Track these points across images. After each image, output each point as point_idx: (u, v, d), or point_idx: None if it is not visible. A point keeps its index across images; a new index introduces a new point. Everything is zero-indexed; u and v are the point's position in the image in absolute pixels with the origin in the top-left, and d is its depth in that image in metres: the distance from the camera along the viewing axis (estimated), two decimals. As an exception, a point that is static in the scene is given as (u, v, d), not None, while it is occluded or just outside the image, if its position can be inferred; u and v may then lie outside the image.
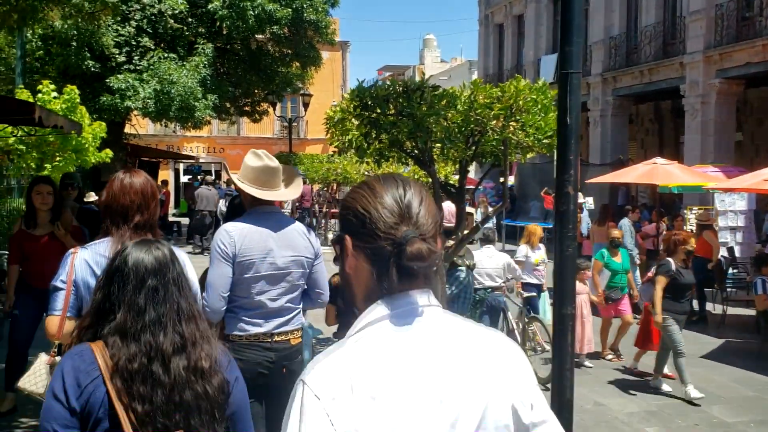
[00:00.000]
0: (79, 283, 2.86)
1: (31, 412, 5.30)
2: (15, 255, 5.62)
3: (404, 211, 1.36)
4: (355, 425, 1.23)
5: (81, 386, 1.82)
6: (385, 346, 1.31)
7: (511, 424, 1.34)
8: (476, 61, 34.56)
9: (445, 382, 1.31)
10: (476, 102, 5.25)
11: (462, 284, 6.85)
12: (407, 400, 1.27)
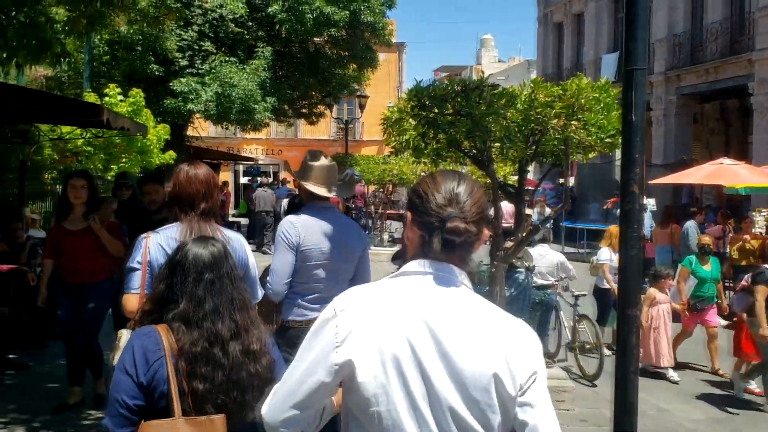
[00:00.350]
0: (154, 263, 3.07)
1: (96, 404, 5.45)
2: (49, 249, 5.55)
3: (453, 198, 1.67)
4: (352, 327, 1.58)
5: (149, 363, 2.04)
6: (411, 290, 1.63)
7: (493, 388, 1.56)
8: (534, 61, 34.16)
9: (452, 335, 1.57)
10: (536, 101, 5.18)
11: (521, 286, 6.76)
12: (412, 330, 1.57)
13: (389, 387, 1.56)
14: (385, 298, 1.64)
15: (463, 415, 1.56)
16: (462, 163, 6.76)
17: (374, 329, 1.58)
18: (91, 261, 5.39)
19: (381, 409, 1.56)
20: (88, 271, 5.40)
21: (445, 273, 1.66)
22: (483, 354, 1.57)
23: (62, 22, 7.27)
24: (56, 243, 5.47)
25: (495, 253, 6.10)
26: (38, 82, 18.31)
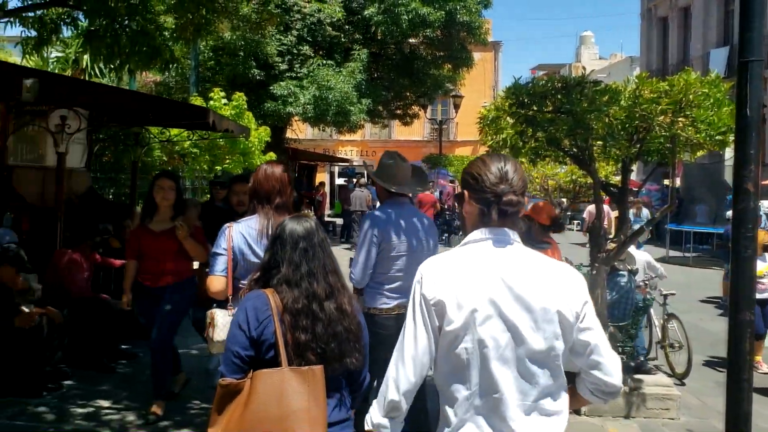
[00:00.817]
0: (235, 249, 3.56)
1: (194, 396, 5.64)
2: (132, 250, 5.33)
3: (503, 176, 2.03)
4: (440, 290, 1.96)
5: (259, 320, 2.40)
6: (481, 252, 2.03)
7: (557, 321, 1.95)
8: (637, 58, 32.97)
9: (516, 283, 1.96)
10: (641, 97, 5.00)
11: (623, 289, 6.54)
12: (485, 284, 1.95)
13: (475, 325, 1.93)
14: (460, 260, 2.03)
15: (535, 346, 1.94)
16: (562, 162, 6.61)
17: (457, 282, 1.96)
18: (174, 263, 5.25)
19: (466, 345, 1.93)
20: (170, 273, 5.25)
21: (503, 235, 2.05)
22: (545, 292, 1.96)
23: (171, 29, 7.63)
24: (139, 243, 5.29)
25: (596, 255, 5.93)
26: (148, 87, 19.30)
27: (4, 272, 5.53)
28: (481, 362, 1.93)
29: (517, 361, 1.94)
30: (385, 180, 4.16)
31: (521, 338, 1.94)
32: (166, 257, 5.20)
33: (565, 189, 11.64)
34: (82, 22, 7.01)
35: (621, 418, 5.70)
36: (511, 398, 1.94)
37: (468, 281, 1.96)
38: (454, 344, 1.94)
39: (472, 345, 1.93)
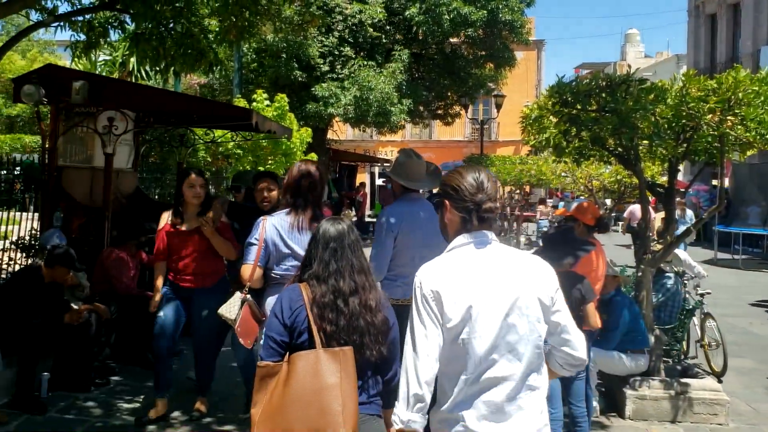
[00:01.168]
0: (268, 241, 3.89)
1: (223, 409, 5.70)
2: (161, 251, 5.13)
3: (480, 186, 2.35)
4: (438, 291, 2.24)
5: (291, 309, 2.71)
6: (466, 255, 2.33)
7: (538, 306, 2.29)
8: (684, 55, 32.27)
9: (499, 278, 2.27)
10: (688, 95, 4.89)
11: (669, 291, 6.42)
12: (477, 283, 2.25)
13: (469, 319, 2.23)
14: (451, 264, 2.33)
15: (521, 331, 2.25)
16: (606, 162, 6.50)
17: (451, 283, 2.26)
18: (204, 263, 5.11)
19: (465, 337, 2.23)
20: (200, 274, 5.10)
21: (483, 237, 2.36)
22: (525, 283, 2.29)
23: (215, 32, 7.74)
24: (168, 243, 5.11)
25: (641, 256, 5.82)
26: (193, 89, 19.62)
27: (57, 272, 5.68)
28: (476, 350, 2.23)
29: (508, 345, 2.24)
30: (401, 176, 4.38)
31: (509, 325, 2.25)
32: (197, 257, 5.08)
33: (609, 189, 11.46)
34: (129, 25, 7.16)
35: (667, 422, 5.58)
36: (503, 378, 2.24)
37: (460, 282, 2.27)
38: (454, 337, 2.24)
39: (468, 336, 2.23)
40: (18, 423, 5.04)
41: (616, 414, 5.73)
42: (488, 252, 2.34)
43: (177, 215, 5.13)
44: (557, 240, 4.74)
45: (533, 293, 2.29)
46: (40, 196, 6.90)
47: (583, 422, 4.66)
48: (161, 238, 5.15)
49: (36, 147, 18.49)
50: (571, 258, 4.60)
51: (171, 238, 5.10)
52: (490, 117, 30.28)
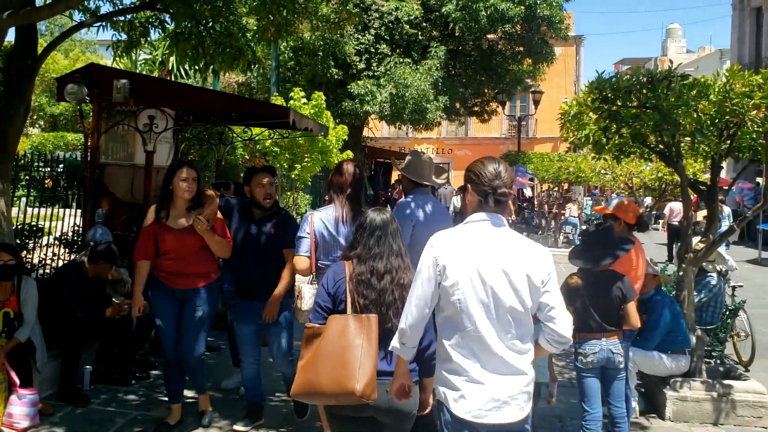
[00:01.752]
0: (316, 233, 4.30)
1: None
2: (145, 248, 4.75)
3: (497, 174, 2.79)
4: (444, 254, 2.72)
5: (335, 281, 3.28)
6: (478, 229, 2.78)
7: (526, 284, 2.70)
8: (728, 50, 31.55)
9: (498, 254, 2.72)
10: (732, 91, 4.78)
11: (712, 292, 6.29)
12: (478, 254, 2.71)
13: (465, 283, 2.70)
14: (463, 235, 2.79)
15: (508, 302, 2.69)
16: (647, 159, 6.40)
17: (456, 251, 2.73)
18: (197, 264, 4.81)
19: (459, 297, 2.70)
20: (193, 275, 4.80)
21: (497, 219, 2.80)
22: (521, 263, 2.72)
23: (253, 31, 7.80)
24: (157, 242, 4.76)
25: (683, 255, 5.71)
26: (231, 87, 19.83)
27: (101, 268, 5.80)
28: (469, 311, 2.69)
29: (496, 312, 2.70)
30: (411, 173, 4.86)
31: (498, 295, 2.69)
32: (190, 257, 4.76)
33: (650, 187, 11.26)
34: (169, 24, 7.25)
35: (709, 424, 5.48)
36: (491, 339, 2.69)
37: (466, 251, 2.73)
38: (450, 295, 2.72)
39: (463, 297, 2.70)
40: (62, 414, 5.16)
41: (656, 415, 5.65)
42: (499, 232, 2.79)
43: (162, 210, 4.75)
44: (596, 239, 4.67)
45: (524, 272, 2.72)
46: (82, 193, 7.03)
47: (622, 423, 4.60)
48: (148, 234, 4.76)
49: (78, 145, 18.89)
50: (610, 257, 4.54)
51: (161, 235, 4.73)
52: (528, 113, 30.02)
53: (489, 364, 2.69)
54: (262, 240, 4.91)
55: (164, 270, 4.81)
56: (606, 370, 4.54)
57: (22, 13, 5.46)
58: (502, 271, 2.70)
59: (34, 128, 25.90)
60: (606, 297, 4.52)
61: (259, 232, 4.92)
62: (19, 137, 6.02)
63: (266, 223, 4.93)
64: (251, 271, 4.91)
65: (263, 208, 4.95)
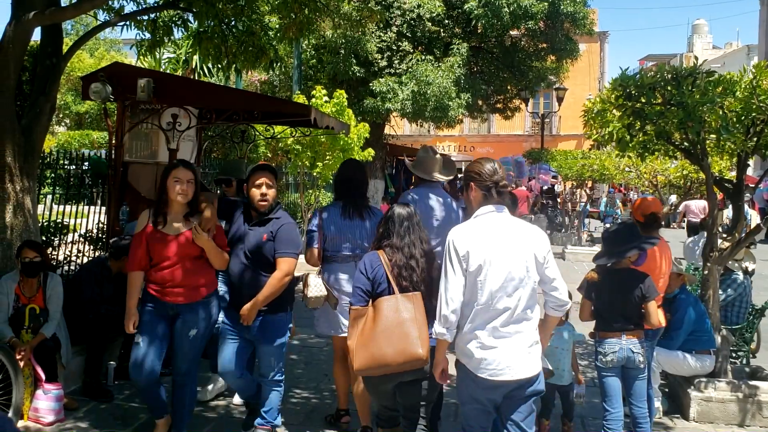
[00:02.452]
0: (325, 228, 4.69)
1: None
2: (139, 258, 4.32)
3: (494, 171, 3.36)
4: (465, 246, 3.20)
5: (373, 267, 3.81)
6: (488, 220, 3.31)
7: (533, 261, 3.25)
8: (755, 46, 31.07)
9: (508, 239, 3.25)
10: (759, 87, 4.70)
11: (737, 292, 6.20)
12: (493, 240, 3.23)
13: (485, 266, 3.21)
14: (477, 227, 3.31)
15: (518, 277, 3.22)
16: (672, 156, 6.32)
17: (476, 240, 3.24)
18: (194, 275, 4.34)
19: (481, 278, 3.21)
20: (190, 287, 4.33)
21: (501, 208, 3.36)
22: (526, 243, 3.28)
23: (275, 29, 7.83)
24: (150, 250, 4.30)
25: (707, 254, 5.64)
26: (254, 85, 19.93)
27: (124, 264, 5.86)
28: (488, 287, 3.20)
29: (510, 287, 3.21)
30: (416, 169, 5.15)
31: (512, 273, 3.22)
32: (186, 266, 4.29)
33: (675, 185, 11.13)
34: (192, 24, 7.30)
35: (734, 425, 5.41)
36: (506, 309, 3.21)
37: (483, 239, 3.25)
38: (473, 279, 3.21)
39: (483, 278, 3.20)
40: (86, 409, 5.23)
41: (680, 416, 5.58)
42: (502, 219, 3.34)
43: (159, 215, 4.31)
44: (619, 234, 4.63)
45: (531, 251, 3.27)
46: (107, 191, 7.11)
47: (644, 423, 4.56)
48: (141, 242, 4.31)
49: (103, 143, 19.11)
50: (635, 249, 4.50)
51: (154, 243, 4.28)
52: (551, 110, 29.80)
53: (503, 332, 3.21)
54: (252, 246, 4.39)
55: (157, 282, 4.30)
56: (627, 369, 4.51)
57: (48, 13, 5.53)
58: (514, 253, 3.24)
59: (59, 126, 26.26)
60: (626, 296, 4.48)
61: (251, 238, 4.41)
62: (45, 135, 6.10)
63: (260, 228, 4.42)
64: (240, 279, 4.42)
65: (258, 211, 4.43)
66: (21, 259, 5.13)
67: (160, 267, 4.30)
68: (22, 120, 5.75)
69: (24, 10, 5.49)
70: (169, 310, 4.35)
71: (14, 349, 4.88)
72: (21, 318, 5.14)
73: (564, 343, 4.91)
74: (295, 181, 14.92)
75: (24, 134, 5.70)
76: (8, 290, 5.12)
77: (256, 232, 4.41)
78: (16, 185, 5.60)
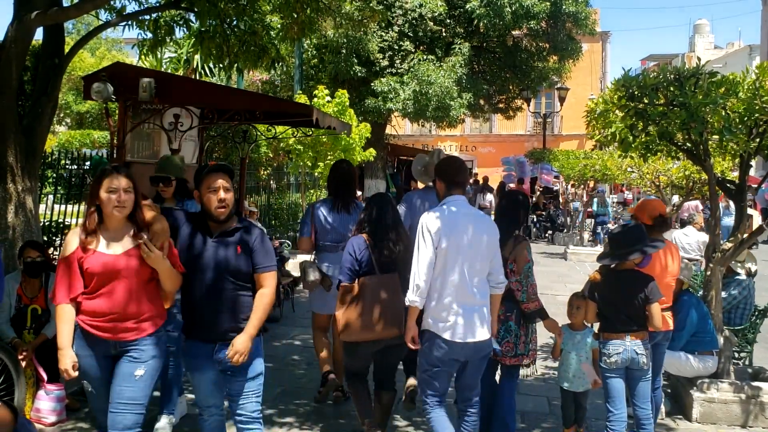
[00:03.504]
0: (316, 221, 5.44)
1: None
2: (69, 285, 3.42)
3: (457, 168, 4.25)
4: (436, 228, 3.91)
5: (360, 249, 4.45)
6: (452, 206, 4.06)
7: (485, 244, 3.99)
8: (757, 46, 31.05)
9: (466, 224, 3.98)
10: (762, 88, 4.69)
11: (741, 294, 6.18)
12: (460, 225, 3.96)
13: (452, 246, 3.89)
14: (443, 212, 3.99)
15: (478, 256, 3.94)
16: (675, 157, 6.30)
17: (443, 224, 3.91)
18: (139, 303, 3.48)
19: (448, 257, 3.89)
20: (135, 319, 3.47)
21: (461, 197, 4.10)
22: (481, 229, 3.98)
23: (277, 29, 7.83)
24: (84, 275, 3.42)
25: (710, 254, 5.62)
26: (255, 85, 19.92)
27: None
28: (451, 263, 3.91)
29: (469, 264, 3.94)
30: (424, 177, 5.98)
31: (470, 252, 3.94)
32: (131, 293, 3.44)
33: (678, 185, 11.11)
34: (194, 23, 7.30)
35: (737, 426, 5.39)
36: (466, 284, 3.93)
37: (449, 223, 3.94)
38: (444, 256, 3.91)
39: (446, 256, 3.90)
40: (88, 409, 5.22)
41: (683, 416, 5.57)
42: (463, 207, 4.07)
43: (90, 234, 3.44)
44: (624, 236, 4.61)
45: (485, 235, 4.01)
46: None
47: (648, 424, 4.55)
48: (71, 266, 3.41)
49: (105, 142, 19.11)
50: (638, 253, 4.48)
51: (89, 266, 3.40)
52: (553, 110, 29.78)
53: (464, 302, 3.92)
54: (224, 262, 3.62)
55: (92, 314, 3.41)
56: (630, 370, 4.50)
57: (50, 13, 5.53)
58: (472, 236, 3.95)
59: (60, 126, 26.27)
60: (630, 297, 4.47)
61: (220, 252, 3.64)
62: (47, 135, 6.10)
63: (229, 240, 3.67)
64: (209, 303, 3.62)
65: (217, 220, 3.66)
66: (23, 259, 5.13)
67: (96, 296, 3.40)
68: (24, 120, 5.75)
69: (26, 10, 5.49)
70: (110, 349, 3.45)
71: (16, 349, 4.89)
72: (23, 318, 5.14)
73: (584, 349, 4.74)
74: (296, 181, 14.92)
75: (25, 134, 5.70)
76: (10, 290, 5.12)
77: (226, 245, 3.64)
78: (18, 185, 5.61)
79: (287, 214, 14.25)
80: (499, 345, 4.49)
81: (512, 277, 4.41)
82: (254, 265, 3.65)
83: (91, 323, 3.43)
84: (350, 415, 5.27)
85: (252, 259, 3.65)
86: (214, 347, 3.63)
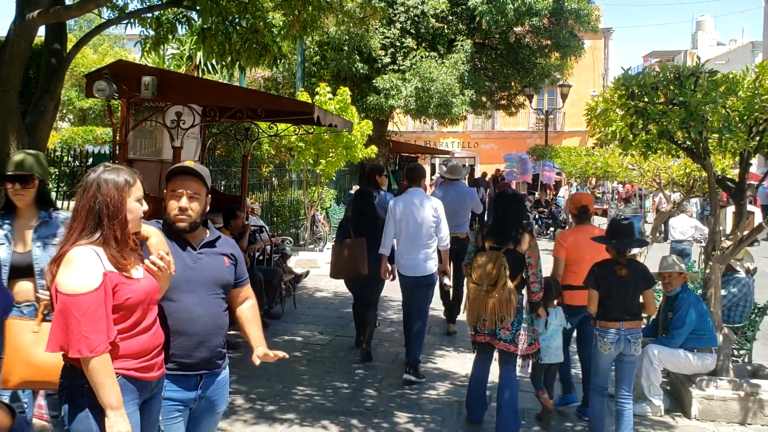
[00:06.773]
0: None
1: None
2: (108, 327, 2.54)
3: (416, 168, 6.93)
4: (396, 207, 6.46)
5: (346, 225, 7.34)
6: (411, 194, 6.55)
7: (431, 216, 6.37)
8: (760, 42, 30.97)
9: (417, 204, 6.42)
10: (762, 87, 4.70)
11: (741, 292, 6.20)
12: (411, 204, 6.42)
13: (405, 217, 6.35)
14: (405, 197, 6.49)
15: (426, 223, 6.34)
16: (675, 155, 6.32)
17: (402, 204, 6.40)
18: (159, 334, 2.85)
19: (403, 224, 6.36)
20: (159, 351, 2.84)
21: (419, 189, 6.61)
22: (430, 206, 6.39)
23: (278, 26, 7.84)
24: (120, 307, 2.62)
25: (709, 253, 5.64)
26: (257, 82, 19.92)
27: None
28: (407, 229, 6.30)
29: (417, 228, 6.26)
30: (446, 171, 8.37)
31: (418, 222, 6.26)
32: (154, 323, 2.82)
33: (678, 183, 11.12)
34: (196, 21, 7.32)
35: (736, 424, 5.42)
36: (413, 241, 6.26)
37: (406, 203, 6.33)
38: (399, 223, 6.32)
39: (404, 224, 6.31)
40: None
41: (682, 414, 5.59)
42: (419, 194, 6.38)
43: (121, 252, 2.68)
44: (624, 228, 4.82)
45: (432, 208, 6.26)
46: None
47: (628, 408, 4.79)
48: (104, 299, 2.55)
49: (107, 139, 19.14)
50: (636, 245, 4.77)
51: (132, 295, 2.66)
52: (556, 107, 29.76)
53: (414, 251, 6.26)
54: (218, 274, 3.11)
55: (136, 355, 2.69)
56: (622, 356, 4.75)
57: (52, 11, 5.55)
58: (422, 209, 6.24)
59: (63, 122, 26.30)
60: (626, 286, 4.69)
61: (210, 265, 3.10)
62: (49, 132, 6.12)
63: (214, 250, 3.13)
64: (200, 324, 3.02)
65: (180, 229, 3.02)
66: (26, 256, 5.13)
67: (139, 332, 2.71)
68: (27, 117, 5.78)
69: (29, 9, 5.51)
70: (147, 391, 2.78)
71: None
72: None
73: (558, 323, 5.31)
74: (298, 178, 14.93)
75: (28, 132, 5.72)
76: (13, 287, 5.12)
77: (214, 257, 3.12)
78: (21, 183, 5.62)
79: (289, 211, 14.29)
80: (514, 337, 4.76)
81: (529, 270, 4.60)
82: (238, 278, 3.19)
83: (136, 366, 2.68)
84: (351, 412, 5.31)
85: (236, 271, 3.18)
86: (198, 380, 3.01)
